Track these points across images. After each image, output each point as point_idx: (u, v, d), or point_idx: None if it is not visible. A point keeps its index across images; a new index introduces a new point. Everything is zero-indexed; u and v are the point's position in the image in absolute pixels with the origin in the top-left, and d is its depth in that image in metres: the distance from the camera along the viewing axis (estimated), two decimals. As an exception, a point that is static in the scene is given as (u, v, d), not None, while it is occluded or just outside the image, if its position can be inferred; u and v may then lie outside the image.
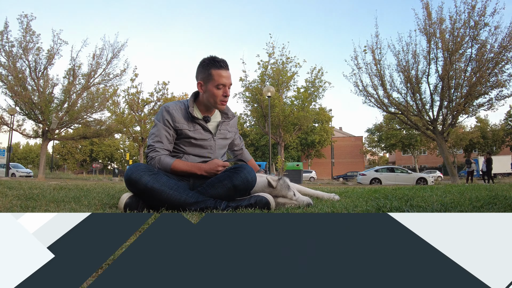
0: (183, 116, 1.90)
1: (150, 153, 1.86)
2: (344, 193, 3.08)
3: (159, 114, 1.91)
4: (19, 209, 1.70)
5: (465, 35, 12.43)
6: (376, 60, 14.11)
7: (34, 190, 2.82)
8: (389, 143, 34.38)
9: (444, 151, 13.92)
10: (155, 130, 1.89)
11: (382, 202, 1.87)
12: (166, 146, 1.88)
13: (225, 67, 1.89)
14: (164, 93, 21.19)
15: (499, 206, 1.50)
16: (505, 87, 12.39)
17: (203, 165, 1.81)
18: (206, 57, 1.92)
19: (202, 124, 1.93)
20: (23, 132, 17.10)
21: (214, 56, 1.91)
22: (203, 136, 1.93)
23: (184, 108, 1.93)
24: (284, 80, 17.80)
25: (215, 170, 1.76)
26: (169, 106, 1.91)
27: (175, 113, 1.88)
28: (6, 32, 14.75)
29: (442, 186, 3.74)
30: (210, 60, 1.88)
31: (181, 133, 1.89)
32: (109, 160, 48.26)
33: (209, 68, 1.87)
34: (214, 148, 1.97)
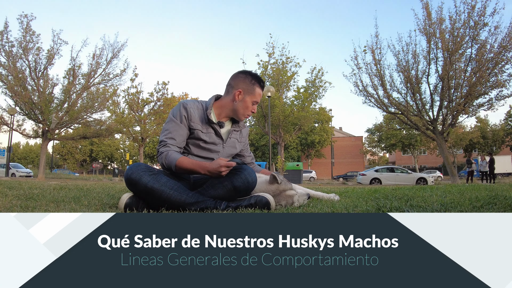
0: (199, 117, 1.89)
1: (161, 148, 1.83)
2: (344, 193, 3.08)
3: (176, 109, 1.88)
4: (19, 209, 1.70)
5: (465, 35, 12.43)
6: (376, 60, 14.11)
7: (34, 190, 2.82)
8: (389, 143, 34.39)
9: (444, 151, 13.92)
10: (169, 126, 1.85)
11: (382, 202, 1.87)
12: (179, 143, 1.85)
13: (263, 89, 2.04)
14: (164, 93, 21.19)
15: (499, 206, 1.50)
16: (505, 87, 12.40)
17: (207, 165, 1.77)
18: (252, 72, 2.01)
19: (216, 129, 1.92)
20: (23, 132, 17.10)
21: (258, 75, 2.02)
22: (214, 140, 1.92)
23: (201, 109, 1.91)
24: (284, 80, 17.80)
25: (218, 171, 1.72)
26: (188, 103, 1.89)
27: (192, 111, 1.87)
28: (6, 32, 14.75)
29: (442, 186, 3.74)
30: (257, 78, 1.99)
31: (193, 133, 1.88)
32: (109, 160, 48.27)
33: (254, 83, 1.96)
34: (221, 155, 1.96)
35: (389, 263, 0.84)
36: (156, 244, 0.88)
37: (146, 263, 0.85)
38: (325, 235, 0.89)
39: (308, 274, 0.83)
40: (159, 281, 0.82)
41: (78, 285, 0.81)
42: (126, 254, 0.86)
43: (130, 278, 0.82)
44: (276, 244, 0.88)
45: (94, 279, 0.82)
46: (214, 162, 1.76)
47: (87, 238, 0.88)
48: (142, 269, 0.84)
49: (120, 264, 0.85)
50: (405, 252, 0.86)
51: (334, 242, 0.88)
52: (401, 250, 0.86)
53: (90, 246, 0.87)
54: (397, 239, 0.87)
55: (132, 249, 0.87)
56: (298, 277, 0.83)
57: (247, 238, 0.89)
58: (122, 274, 0.83)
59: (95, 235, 0.88)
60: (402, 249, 0.87)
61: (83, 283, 0.81)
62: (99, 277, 0.82)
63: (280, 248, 0.87)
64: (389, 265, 0.84)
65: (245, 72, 1.98)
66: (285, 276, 0.83)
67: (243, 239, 0.89)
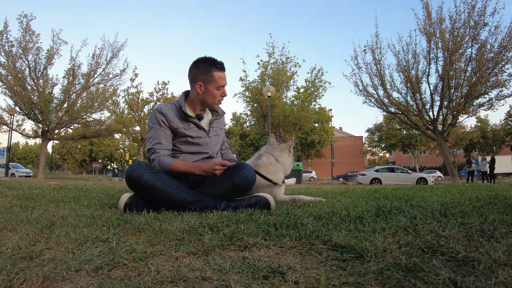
0: (176, 116, 1.92)
1: (151, 156, 1.86)
2: (344, 193, 3.08)
3: (152, 117, 1.92)
4: (19, 209, 1.70)
5: (465, 35, 12.43)
6: (376, 60, 14.11)
7: (33, 190, 2.82)
8: (389, 143, 34.39)
9: (444, 151, 13.92)
10: (151, 133, 1.89)
11: (382, 202, 1.87)
12: (166, 146, 1.89)
13: (224, 69, 1.96)
14: (164, 93, 21.19)
15: (499, 206, 1.49)
16: (505, 87, 12.40)
17: (202, 165, 1.81)
18: (204, 58, 1.93)
19: (195, 122, 1.94)
20: (23, 132, 17.10)
21: (212, 57, 1.94)
22: (198, 134, 1.95)
23: (176, 109, 1.94)
24: (284, 80, 17.80)
25: (213, 170, 1.76)
26: (161, 107, 1.93)
27: (168, 113, 1.90)
28: (6, 32, 14.77)
29: (442, 186, 3.74)
30: (211, 62, 1.91)
31: (177, 132, 1.91)
32: (108, 160, 48.25)
33: (210, 69, 1.90)
34: (210, 145, 1.99)
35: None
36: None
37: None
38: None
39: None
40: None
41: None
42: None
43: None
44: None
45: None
46: (209, 162, 1.79)
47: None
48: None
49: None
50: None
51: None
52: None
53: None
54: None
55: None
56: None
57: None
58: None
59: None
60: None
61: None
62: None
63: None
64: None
65: (198, 61, 1.93)
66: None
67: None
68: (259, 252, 0.93)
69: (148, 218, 1.41)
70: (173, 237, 1.09)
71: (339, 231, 1.09)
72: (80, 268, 0.80)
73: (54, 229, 1.18)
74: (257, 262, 0.82)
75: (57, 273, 0.77)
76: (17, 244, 0.97)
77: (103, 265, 0.81)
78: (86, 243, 1.01)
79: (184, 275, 0.74)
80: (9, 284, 0.71)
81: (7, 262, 0.83)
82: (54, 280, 0.74)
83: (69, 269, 0.79)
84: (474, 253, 0.79)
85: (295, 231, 1.11)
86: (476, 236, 0.96)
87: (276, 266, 0.78)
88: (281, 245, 0.98)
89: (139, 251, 0.92)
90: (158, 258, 0.87)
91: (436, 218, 1.24)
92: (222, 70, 1.94)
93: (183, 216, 1.46)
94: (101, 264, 0.82)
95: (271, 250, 0.94)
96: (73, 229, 1.19)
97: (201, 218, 1.41)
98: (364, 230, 1.09)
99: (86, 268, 0.80)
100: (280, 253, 0.92)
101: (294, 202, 2.08)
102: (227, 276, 0.73)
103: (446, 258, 0.79)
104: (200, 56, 1.95)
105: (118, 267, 0.81)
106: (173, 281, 0.71)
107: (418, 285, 0.65)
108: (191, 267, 0.79)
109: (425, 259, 0.79)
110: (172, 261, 0.86)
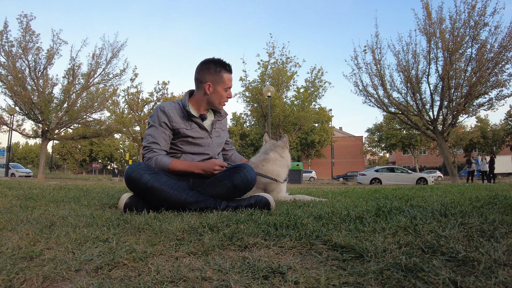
0: (179, 116, 1.91)
1: (147, 154, 1.85)
2: (344, 193, 3.08)
3: (154, 115, 1.91)
4: (18, 209, 1.70)
5: (465, 35, 12.43)
6: (376, 60, 14.11)
7: (33, 190, 2.82)
8: (389, 143, 34.37)
9: (444, 151, 13.91)
10: (151, 131, 1.89)
11: (382, 202, 1.87)
12: (163, 146, 1.88)
13: (232, 71, 2.00)
14: (164, 93, 21.19)
15: (499, 206, 1.49)
16: (505, 87, 12.40)
17: (201, 164, 1.81)
18: (213, 59, 1.95)
19: (198, 123, 1.94)
20: (23, 132, 17.09)
21: (221, 59, 1.96)
22: (200, 134, 1.95)
23: (179, 108, 1.94)
24: (284, 80, 17.80)
25: (212, 169, 1.76)
26: (165, 106, 1.92)
27: (171, 113, 1.89)
28: (6, 32, 14.76)
29: (442, 186, 3.74)
30: (221, 64, 1.94)
31: (179, 133, 1.90)
32: (108, 160, 48.24)
33: (220, 70, 1.93)
34: (212, 146, 1.99)
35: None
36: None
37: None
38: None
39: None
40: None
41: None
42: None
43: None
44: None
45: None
46: (208, 162, 1.80)
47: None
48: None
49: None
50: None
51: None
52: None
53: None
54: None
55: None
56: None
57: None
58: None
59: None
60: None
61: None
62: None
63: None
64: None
65: (207, 62, 1.95)
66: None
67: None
68: (259, 252, 0.93)
69: (148, 218, 1.41)
70: (173, 237, 1.09)
71: (339, 231, 1.09)
72: (80, 268, 0.80)
73: (54, 229, 1.18)
74: (257, 262, 0.82)
75: (57, 273, 0.77)
76: (17, 244, 0.97)
77: (103, 265, 0.81)
78: (86, 243, 1.01)
79: (184, 275, 0.74)
80: (9, 284, 0.71)
81: (7, 262, 0.83)
82: (54, 280, 0.74)
83: (69, 269, 0.79)
84: (474, 253, 0.79)
85: (295, 231, 1.11)
86: (476, 236, 0.96)
87: (276, 266, 0.78)
88: (281, 245, 0.98)
89: (139, 251, 0.92)
90: (158, 258, 0.87)
91: (436, 218, 1.24)
92: (231, 72, 1.98)
93: (183, 216, 1.46)
94: (101, 264, 0.82)
95: (271, 250, 0.94)
96: (73, 229, 1.19)
97: (201, 218, 1.41)
98: (364, 230, 1.09)
99: (86, 268, 0.80)
100: (280, 253, 0.92)
101: (295, 202, 2.08)
102: (227, 276, 0.73)
103: (446, 258, 0.79)
104: (208, 57, 1.98)
105: (118, 267, 0.81)
106: (173, 281, 0.71)
107: (418, 285, 0.65)
108: (191, 267, 0.79)
109: (425, 259, 0.79)
110: (172, 261, 0.86)
